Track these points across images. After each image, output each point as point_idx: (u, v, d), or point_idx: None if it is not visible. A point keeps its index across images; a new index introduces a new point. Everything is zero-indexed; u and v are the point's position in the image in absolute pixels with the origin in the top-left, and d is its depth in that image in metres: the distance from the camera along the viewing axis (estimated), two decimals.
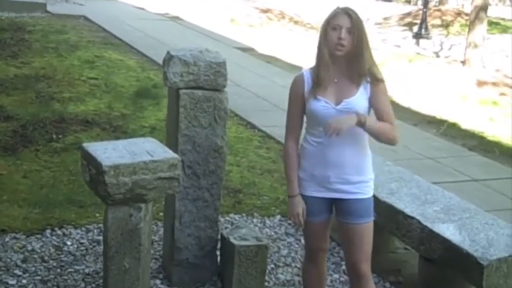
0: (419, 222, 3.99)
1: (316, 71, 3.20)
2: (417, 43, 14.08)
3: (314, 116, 3.22)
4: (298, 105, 3.28)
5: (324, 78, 3.17)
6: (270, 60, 12.35)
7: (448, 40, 14.76)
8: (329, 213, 3.36)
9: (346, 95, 3.16)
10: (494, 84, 11.09)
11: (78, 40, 11.58)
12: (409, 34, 15.04)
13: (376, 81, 3.18)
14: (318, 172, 3.24)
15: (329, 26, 3.14)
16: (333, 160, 3.20)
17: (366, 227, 3.29)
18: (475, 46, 11.98)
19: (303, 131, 3.36)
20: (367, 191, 3.28)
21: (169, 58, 3.74)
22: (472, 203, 4.44)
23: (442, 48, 13.87)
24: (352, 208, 3.25)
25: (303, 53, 13.00)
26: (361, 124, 3.07)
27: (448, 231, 3.88)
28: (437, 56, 13.21)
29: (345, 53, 3.13)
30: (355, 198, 3.24)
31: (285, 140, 3.37)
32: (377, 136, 3.17)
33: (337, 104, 3.16)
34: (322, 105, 3.17)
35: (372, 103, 3.19)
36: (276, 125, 7.67)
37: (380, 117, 3.19)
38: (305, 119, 3.33)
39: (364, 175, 3.27)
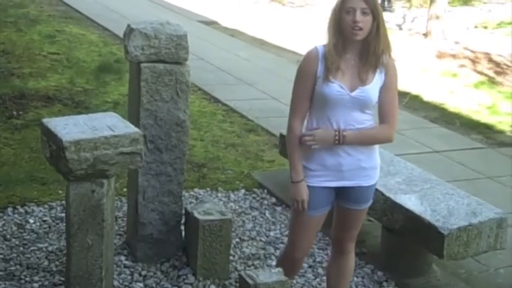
0: (382, 193, 4.03)
1: (328, 57, 3.01)
2: None
3: (325, 99, 3.04)
4: (309, 84, 3.06)
5: (336, 63, 3.00)
6: (234, 33, 12.28)
7: (410, 13, 14.82)
8: (331, 205, 3.25)
9: (362, 82, 3.02)
10: (454, 56, 11.20)
11: (38, 14, 11.35)
12: None
13: (389, 70, 3.06)
14: (330, 162, 3.10)
15: (342, 10, 2.96)
16: (343, 147, 3.08)
17: (364, 210, 3.31)
18: (437, 18, 12.05)
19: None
20: (376, 176, 3.23)
21: (129, 31, 3.68)
22: (434, 174, 4.50)
23: (404, 21, 13.91)
24: (358, 194, 3.19)
25: (267, 26, 12.96)
26: (338, 142, 3.03)
27: (410, 202, 3.94)
28: (400, 29, 13.26)
29: (363, 36, 2.97)
30: (364, 186, 3.18)
31: (290, 121, 3.14)
32: (365, 144, 3.11)
33: (352, 90, 3.01)
34: (336, 89, 3.00)
35: (379, 94, 3.07)
36: (239, 98, 7.69)
37: (380, 112, 3.11)
38: None
39: (374, 160, 3.20)
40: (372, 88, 3.04)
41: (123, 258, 3.96)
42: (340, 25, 2.99)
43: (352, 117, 3.07)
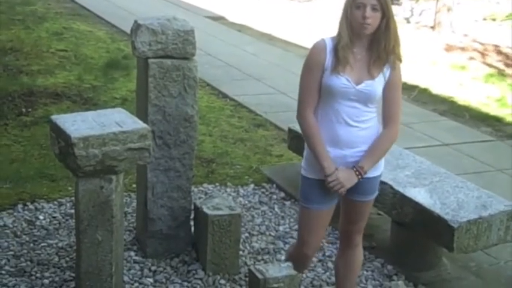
0: (391, 187, 4.02)
1: (338, 50, 3.03)
2: None
3: (330, 91, 3.06)
4: (317, 75, 3.07)
5: (346, 57, 3.03)
6: (241, 28, 12.27)
7: (418, 5, 14.77)
8: (338, 199, 3.25)
9: (368, 76, 3.05)
10: (463, 49, 11.15)
11: (46, 11, 11.38)
12: None
13: (396, 66, 3.09)
14: (334, 153, 3.09)
15: (353, 5, 2.99)
16: (345, 139, 3.09)
17: (371, 202, 3.32)
18: (444, 11, 12.02)
19: None
20: (381, 167, 3.25)
21: (136, 27, 3.68)
22: (443, 167, 4.48)
23: (412, 14, 13.86)
24: (364, 186, 3.19)
25: (274, 21, 12.93)
26: (361, 176, 3.08)
27: (419, 195, 3.92)
28: (408, 22, 13.21)
29: (371, 31, 3.01)
30: (370, 177, 3.17)
31: (302, 112, 3.14)
32: (380, 159, 3.17)
33: (358, 83, 3.04)
34: (342, 82, 3.02)
35: (384, 91, 3.10)
36: (247, 93, 7.68)
37: (386, 110, 3.13)
38: None
39: None
40: (378, 82, 3.07)
41: (132, 253, 3.97)
42: (350, 19, 3.01)
43: (355, 110, 3.08)
